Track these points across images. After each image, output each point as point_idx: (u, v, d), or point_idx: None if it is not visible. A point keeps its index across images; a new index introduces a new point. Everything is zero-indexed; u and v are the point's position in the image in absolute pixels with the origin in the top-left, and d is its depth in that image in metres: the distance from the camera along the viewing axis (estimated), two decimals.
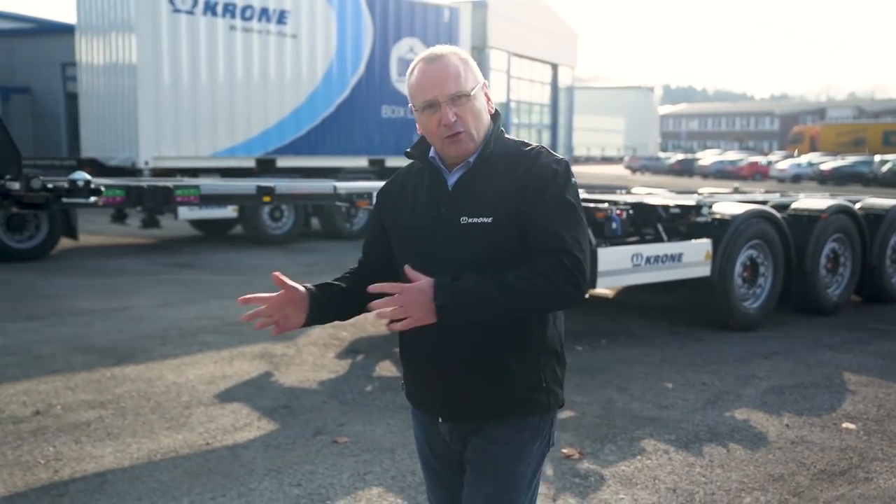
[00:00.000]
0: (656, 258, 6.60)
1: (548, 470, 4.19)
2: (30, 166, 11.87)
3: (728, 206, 7.32)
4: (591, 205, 6.51)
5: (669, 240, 6.94)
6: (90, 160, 12.43)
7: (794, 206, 8.06)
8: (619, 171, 49.63)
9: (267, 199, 7.17)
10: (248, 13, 12.70)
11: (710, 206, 7.16)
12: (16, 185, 6.10)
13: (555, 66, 30.34)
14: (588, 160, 45.42)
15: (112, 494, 3.83)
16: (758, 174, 48.64)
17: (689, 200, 7.40)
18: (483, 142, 2.04)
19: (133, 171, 12.24)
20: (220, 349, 6.52)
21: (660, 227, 6.94)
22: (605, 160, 51.37)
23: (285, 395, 5.39)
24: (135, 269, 10.64)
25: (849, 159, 47.55)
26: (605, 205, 6.55)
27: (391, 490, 3.92)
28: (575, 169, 2.14)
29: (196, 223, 14.36)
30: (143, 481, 3.98)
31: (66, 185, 5.96)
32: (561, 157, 2.05)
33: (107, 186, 7.62)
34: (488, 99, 2.06)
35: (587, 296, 8.45)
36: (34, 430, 4.64)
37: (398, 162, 14.65)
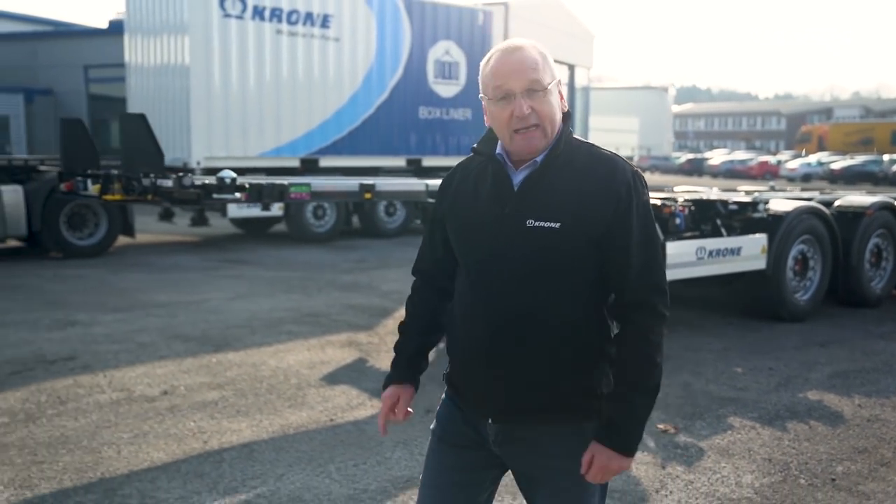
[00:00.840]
0: (718, 251, 6.99)
1: (650, 442, 4.58)
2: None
3: (782, 202, 7.71)
4: (658, 202, 6.90)
5: (726, 235, 7.31)
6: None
7: (839, 202, 8.44)
8: None
9: (368, 196, 7.58)
10: (293, 17, 13.09)
11: (766, 203, 7.53)
12: (168, 183, 6.54)
13: (572, 67, 30.67)
14: None
15: (264, 461, 4.23)
16: (768, 174, 48.94)
17: (746, 197, 7.77)
18: (553, 141, 1.98)
19: (184, 171, 12.62)
20: (307, 338, 6.91)
21: (718, 222, 7.31)
22: None
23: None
24: (192, 265, 11.04)
25: (858, 158, 47.81)
26: (670, 201, 6.93)
27: None
28: None
29: (237, 222, 14.76)
30: (286, 451, 4.37)
31: (214, 182, 6.38)
32: (633, 164, 2.02)
33: None
34: (562, 97, 2.00)
35: None
36: (168, 407, 5.04)
37: (435, 162, 15.04)
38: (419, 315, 2.25)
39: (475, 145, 2.08)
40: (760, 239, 7.34)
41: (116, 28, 28.88)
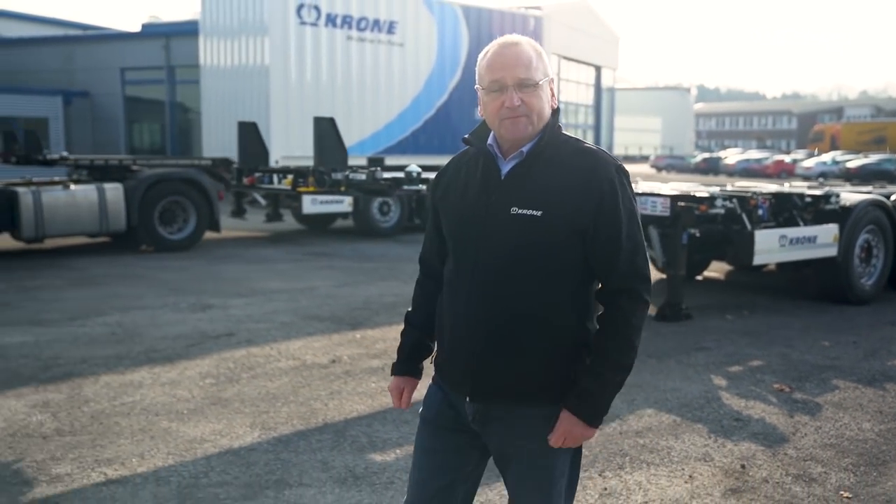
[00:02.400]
0: (797, 239, 7.72)
1: (772, 398, 5.32)
2: (170, 165, 13.11)
3: (850, 195, 8.43)
4: (744, 194, 7.64)
5: (802, 225, 8.04)
6: (224, 159, 13.58)
7: None
8: (644, 169, 50.70)
9: None
10: (362, 24, 13.86)
11: (839, 196, 8.26)
12: (361, 177, 7.35)
13: (598, 68, 31.49)
14: (626, 160, 46.81)
15: None
16: (783, 172, 49.46)
17: (819, 190, 8.50)
18: (539, 133, 2.06)
19: (372, 166, 13.42)
20: None
21: (795, 213, 8.04)
22: (627, 158, 52.88)
23: None
24: (279, 257, 11.81)
25: (873, 157, 48.27)
26: (756, 195, 7.68)
27: (651, 406, 5.06)
28: None
29: (300, 218, 15.50)
30: None
31: (403, 175, 7.15)
32: (617, 158, 2.12)
33: None
34: (553, 95, 2.10)
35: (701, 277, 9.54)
36: (343, 372, 5.80)
37: None
38: (421, 306, 2.36)
39: (466, 136, 2.17)
40: (832, 228, 8.06)
41: (150, 31, 29.72)
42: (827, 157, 51.44)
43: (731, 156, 55.90)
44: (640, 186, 8.04)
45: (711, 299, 8.69)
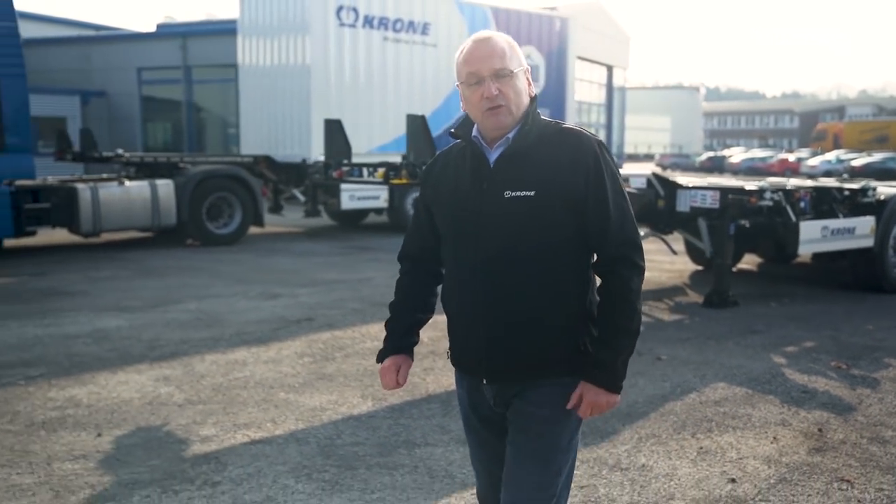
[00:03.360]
0: (838, 230, 8.17)
1: (832, 374, 5.76)
2: (214, 162, 13.54)
3: (886, 189, 8.88)
4: (790, 187, 8.09)
5: (840, 217, 8.48)
6: (264, 157, 14.02)
7: None
8: (650, 168, 51.20)
9: None
10: (398, 26, 14.30)
11: (875, 189, 8.70)
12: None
13: (610, 68, 31.90)
14: (631, 158, 47.33)
15: None
16: (788, 171, 49.92)
17: (856, 184, 8.94)
18: (521, 120, 2.13)
19: (303, 168, 13.84)
20: None
21: (834, 206, 8.49)
22: (632, 157, 53.33)
23: None
24: (324, 251, 12.24)
25: (877, 156, 48.68)
26: (799, 188, 8.12)
27: (721, 380, 5.50)
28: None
29: (333, 214, 15.92)
30: None
31: None
32: (595, 134, 2.21)
33: None
34: (529, 83, 2.17)
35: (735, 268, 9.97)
36: (429, 351, 6.22)
37: None
38: (409, 295, 2.39)
39: (452, 129, 2.23)
40: (869, 220, 8.50)
41: (167, 31, 30.09)
42: (831, 155, 51.85)
43: (736, 154, 56.48)
44: (688, 181, 8.47)
45: (751, 288, 9.11)
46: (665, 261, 10.87)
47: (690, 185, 8.22)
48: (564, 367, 2.17)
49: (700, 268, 10.46)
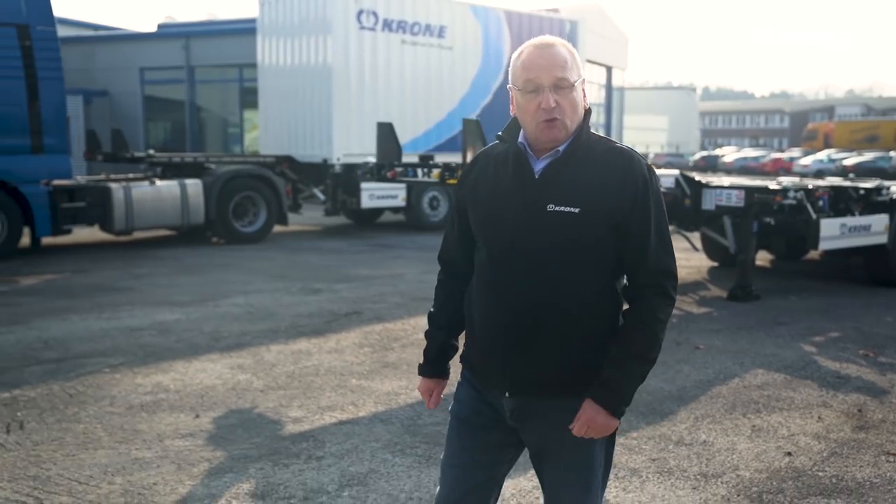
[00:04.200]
0: (854, 228, 8.59)
1: (861, 361, 6.17)
2: (238, 162, 13.86)
3: None
4: (811, 186, 8.50)
5: (857, 215, 8.90)
6: (287, 157, 14.35)
7: None
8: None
9: None
10: (416, 29, 14.65)
11: (889, 188, 9.12)
12: None
13: (609, 69, 32.31)
14: None
15: None
16: (781, 170, 50.47)
17: (871, 184, 9.36)
18: (574, 133, 2.08)
19: (324, 167, 14.19)
20: None
21: (850, 204, 8.90)
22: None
23: None
24: (349, 248, 12.59)
25: (868, 155, 49.33)
26: (820, 188, 8.54)
27: (759, 367, 5.89)
28: None
29: (348, 213, 16.27)
30: None
31: None
32: (645, 159, 2.15)
33: None
34: (584, 95, 2.12)
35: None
36: None
37: None
38: (445, 308, 2.37)
39: (500, 133, 2.19)
40: (884, 218, 8.92)
41: (169, 32, 30.29)
42: (823, 155, 52.54)
43: (729, 154, 57.10)
44: (714, 180, 8.87)
45: (768, 284, 9.51)
46: (681, 258, 11.27)
47: (715, 185, 8.62)
48: (588, 388, 2.12)
49: (715, 264, 10.86)
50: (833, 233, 8.36)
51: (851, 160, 47.54)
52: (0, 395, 5.13)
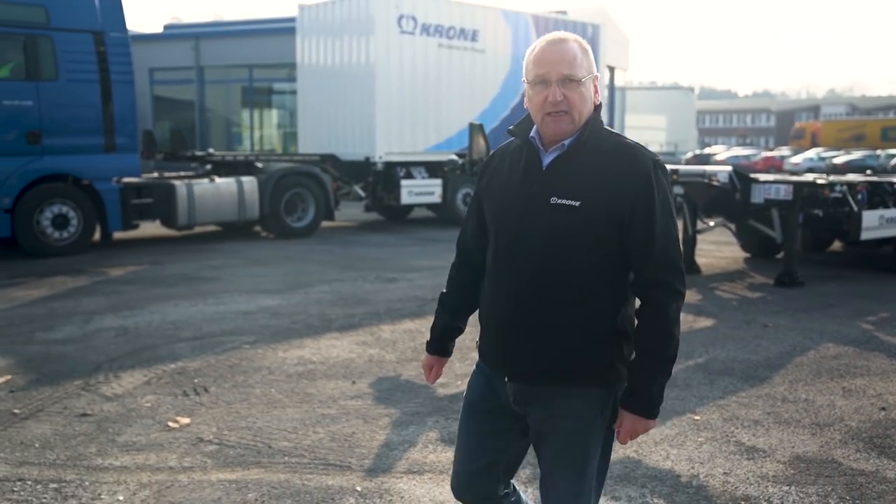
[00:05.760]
0: (891, 219, 9.33)
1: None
2: (286, 161, 14.46)
3: None
4: (851, 181, 9.25)
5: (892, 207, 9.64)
6: (330, 155, 14.97)
7: None
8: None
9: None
10: (451, 33, 15.31)
11: None
12: None
13: (612, 69, 33.05)
14: None
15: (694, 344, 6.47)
16: (772, 168, 51.48)
17: None
18: (581, 127, 2.13)
19: (365, 165, 14.83)
20: None
21: (885, 198, 9.64)
22: None
23: (709, 301, 8.01)
24: (397, 242, 13.22)
25: (857, 154, 50.38)
26: (861, 183, 9.29)
27: (827, 341, 6.59)
28: None
29: (382, 209, 16.86)
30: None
31: None
32: (654, 153, 2.16)
33: None
34: (596, 91, 2.15)
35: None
36: None
37: None
38: (455, 292, 2.48)
39: (511, 127, 2.26)
40: None
41: (179, 32, 30.71)
42: (812, 153, 53.58)
43: (721, 152, 58.18)
44: (761, 176, 9.59)
45: (805, 272, 10.20)
46: (714, 250, 12.01)
47: (763, 180, 9.33)
48: (591, 380, 2.17)
49: (748, 255, 11.57)
50: (873, 223, 9.10)
51: (841, 159, 48.62)
52: (168, 366, 5.74)
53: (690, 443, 4.42)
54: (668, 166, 7.99)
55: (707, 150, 61.78)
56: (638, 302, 2.21)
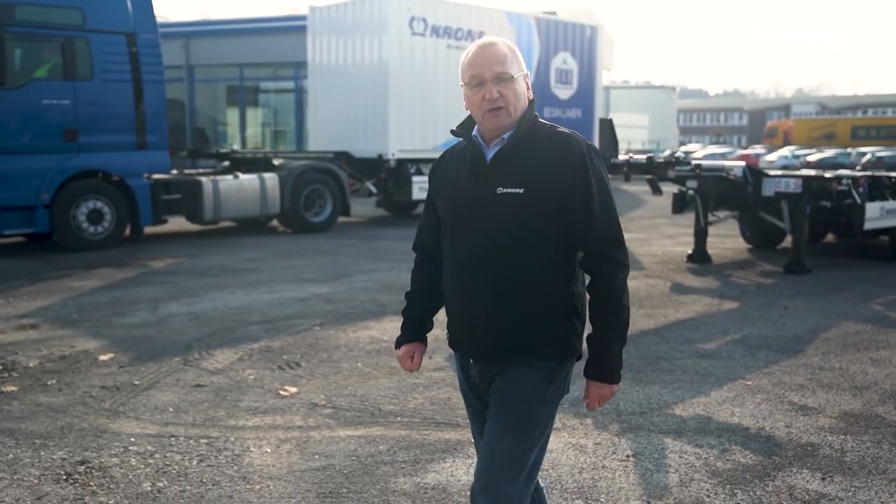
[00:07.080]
0: (891, 210, 10.01)
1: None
2: (302, 158, 14.90)
3: None
4: (855, 175, 9.91)
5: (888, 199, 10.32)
6: (343, 152, 15.42)
7: None
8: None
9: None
10: (459, 34, 15.83)
11: None
12: (641, 160, 10.05)
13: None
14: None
15: (708, 329, 7.06)
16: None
17: None
18: (518, 121, 2.29)
19: (379, 162, 15.30)
20: None
21: (884, 191, 10.32)
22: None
23: (728, 287, 8.62)
24: (409, 236, 13.20)
25: (829, 152, 51.59)
26: (863, 178, 9.96)
27: (845, 320, 7.21)
28: None
29: (388, 206, 17.33)
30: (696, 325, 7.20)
31: (673, 159, 9.36)
32: (587, 139, 2.32)
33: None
34: (528, 88, 2.32)
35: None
36: None
37: None
38: (421, 284, 2.60)
39: (454, 128, 2.40)
40: None
41: (169, 31, 30.84)
42: (786, 151, 54.75)
43: (698, 151, 59.29)
44: (773, 171, 10.23)
45: (809, 261, 10.89)
46: (718, 242, 12.64)
47: (773, 174, 9.97)
48: (544, 353, 2.31)
49: (750, 246, 12.22)
50: (875, 214, 9.77)
51: (814, 156, 49.79)
52: (252, 346, 6.22)
53: (749, 403, 5.00)
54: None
55: (684, 148, 63.04)
56: (588, 278, 2.38)
